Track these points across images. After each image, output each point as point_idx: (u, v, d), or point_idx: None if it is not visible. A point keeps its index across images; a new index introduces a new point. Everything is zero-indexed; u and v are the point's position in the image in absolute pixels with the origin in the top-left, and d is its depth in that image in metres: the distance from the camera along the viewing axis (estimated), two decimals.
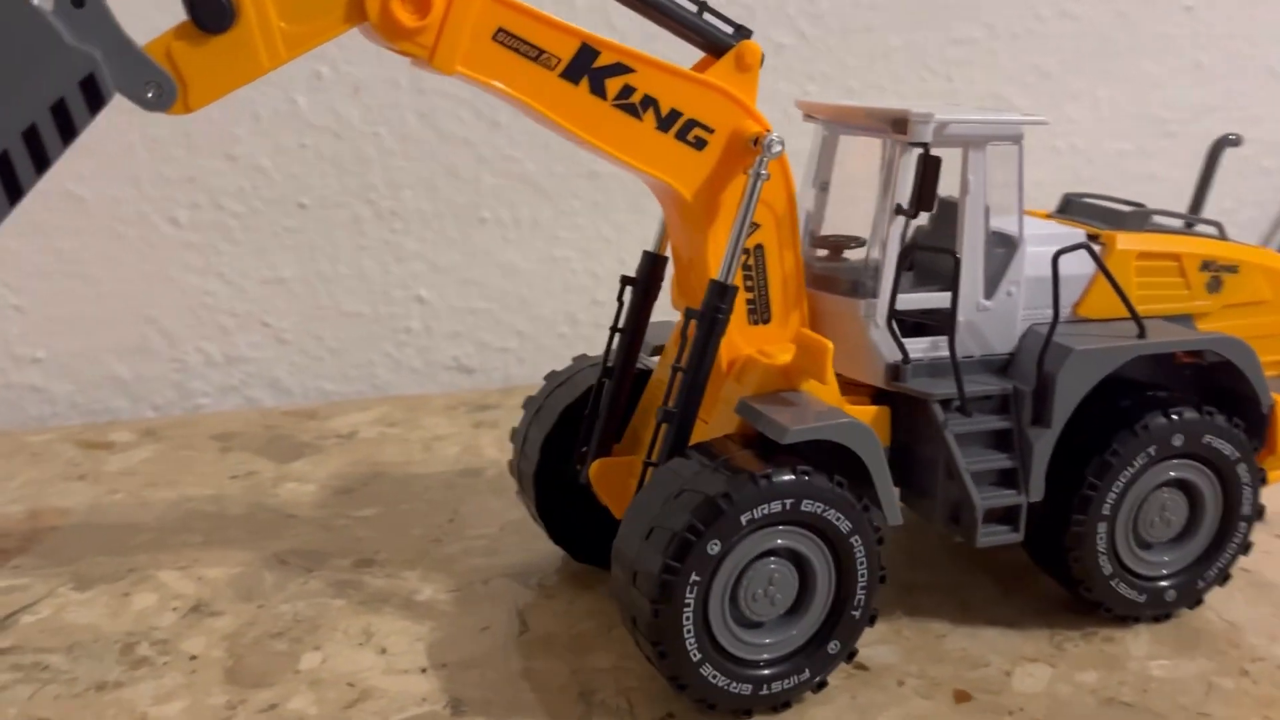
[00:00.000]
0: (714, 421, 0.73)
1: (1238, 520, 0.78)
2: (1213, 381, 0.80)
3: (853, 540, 0.68)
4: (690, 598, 0.64)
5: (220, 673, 0.73)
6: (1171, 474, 0.76)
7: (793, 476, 0.65)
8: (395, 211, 1.38)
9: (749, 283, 0.73)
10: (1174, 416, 0.74)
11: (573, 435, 0.82)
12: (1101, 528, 0.75)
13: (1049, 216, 0.87)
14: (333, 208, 1.35)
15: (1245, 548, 0.80)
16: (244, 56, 0.60)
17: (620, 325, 0.80)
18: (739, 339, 0.73)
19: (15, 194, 0.55)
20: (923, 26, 1.50)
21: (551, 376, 0.87)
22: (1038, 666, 0.74)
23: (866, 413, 0.74)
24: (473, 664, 0.74)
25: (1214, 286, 0.81)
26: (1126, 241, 0.79)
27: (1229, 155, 1.71)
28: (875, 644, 0.76)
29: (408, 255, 1.40)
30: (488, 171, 1.40)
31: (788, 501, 0.65)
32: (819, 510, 0.66)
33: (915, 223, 0.74)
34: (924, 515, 0.78)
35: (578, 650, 0.76)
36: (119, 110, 1.20)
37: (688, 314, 0.70)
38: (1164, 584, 0.78)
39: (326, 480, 1.04)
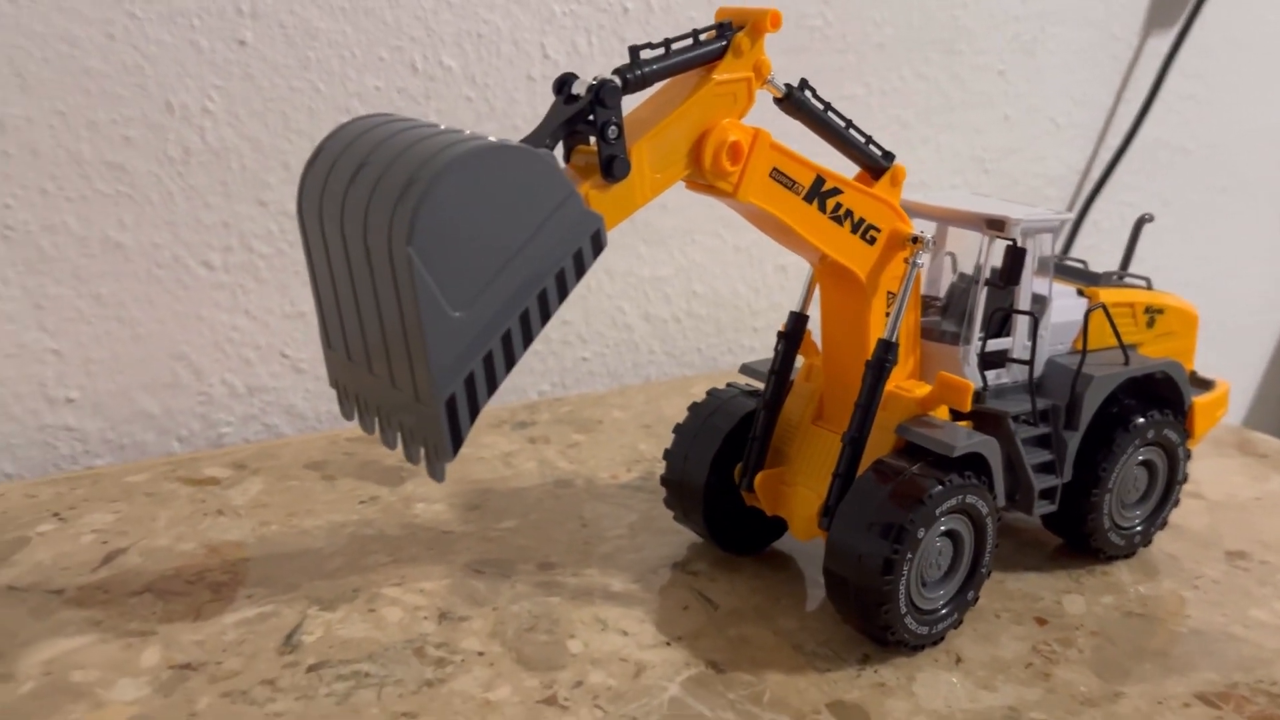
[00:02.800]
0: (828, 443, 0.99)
1: (1175, 484, 1.14)
2: (1148, 388, 1.16)
3: (987, 519, 0.97)
4: (905, 570, 0.91)
5: (514, 663, 0.91)
6: (1141, 456, 1.11)
7: (962, 480, 0.93)
8: None
9: None
10: (1150, 416, 1.09)
11: (731, 453, 1.06)
12: (1107, 497, 1.08)
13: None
14: None
15: (1177, 502, 1.16)
16: (628, 197, 0.79)
17: (775, 369, 1.05)
18: None
19: (546, 317, 0.72)
20: (821, 85, 1.81)
21: (695, 408, 1.10)
22: (1074, 596, 1.06)
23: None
24: (698, 635, 0.97)
25: (1150, 324, 1.16)
26: (1106, 295, 1.12)
27: (1024, 185, 2.16)
28: None
29: None
30: None
31: (959, 497, 0.93)
32: (974, 501, 0.94)
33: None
34: None
35: (765, 617, 1.00)
36: (160, 162, 1.28)
37: (866, 366, 0.96)
38: (1135, 531, 1.13)
39: (449, 499, 1.21)
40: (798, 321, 1.05)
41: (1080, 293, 1.13)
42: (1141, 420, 1.08)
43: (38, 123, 1.26)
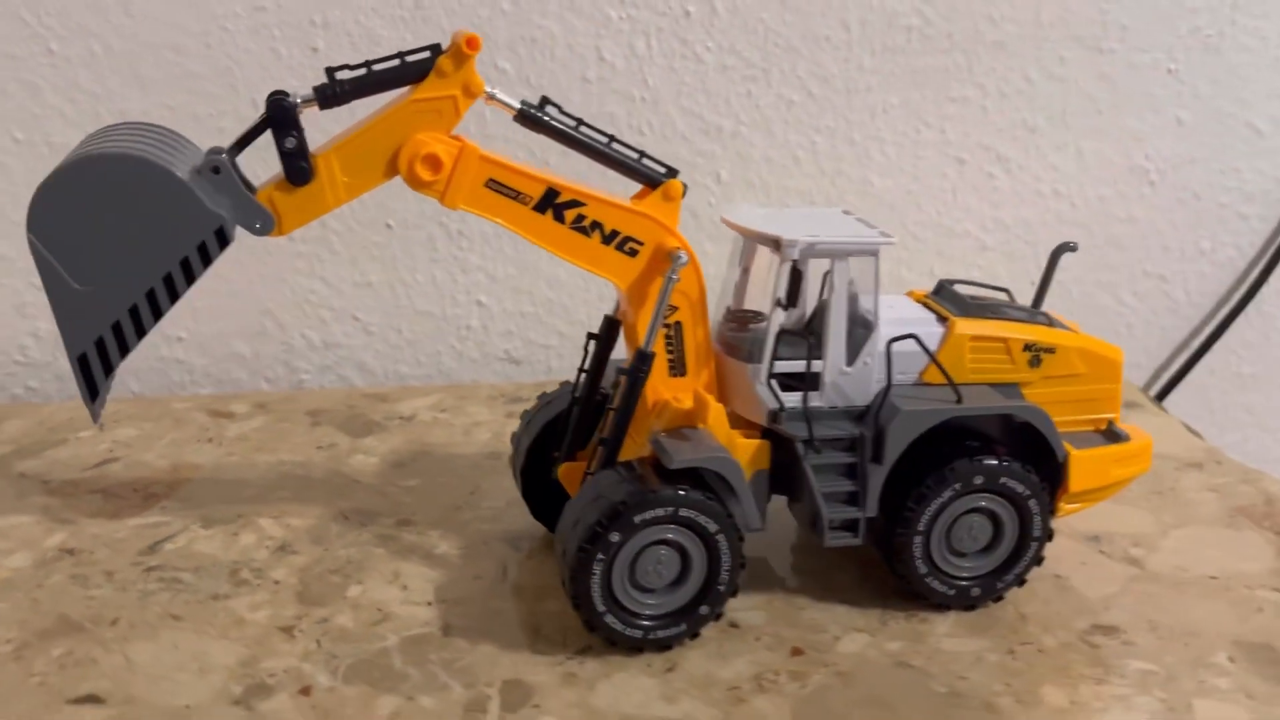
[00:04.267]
0: (637, 446, 1.02)
1: (1030, 541, 1.04)
2: (1022, 433, 1.06)
3: (718, 538, 0.97)
4: (597, 569, 0.94)
5: (293, 594, 1.07)
6: (979, 504, 1.03)
7: (673, 491, 0.95)
8: (463, 232, 1.69)
9: (670, 346, 1.02)
10: (978, 462, 1.01)
11: (551, 443, 1.13)
12: (917, 540, 1.02)
13: (924, 298, 1.13)
14: (413, 228, 1.68)
15: (1038, 560, 1.06)
16: (318, 199, 0.91)
17: (585, 367, 1.10)
18: (662, 386, 1.03)
19: (174, 297, 0.88)
20: (921, 87, 1.74)
21: (542, 396, 1.18)
22: (861, 635, 1.02)
23: (751, 445, 1.02)
24: (463, 601, 1.06)
25: (1035, 363, 1.06)
26: (964, 326, 1.05)
27: (1207, 200, 1.92)
28: (751, 610, 1.05)
29: (471, 268, 1.71)
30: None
31: (669, 509, 0.95)
32: (693, 515, 0.95)
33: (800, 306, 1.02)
34: (797, 518, 1.07)
35: (539, 598, 1.07)
36: (248, 150, 1.53)
37: (618, 371, 1.00)
38: (970, 583, 1.05)
39: (387, 454, 1.37)
40: (609, 326, 1.09)
41: (945, 321, 1.06)
42: (966, 465, 1.01)
43: (153, 115, 1.57)
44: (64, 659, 0.96)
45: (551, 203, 0.96)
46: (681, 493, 0.95)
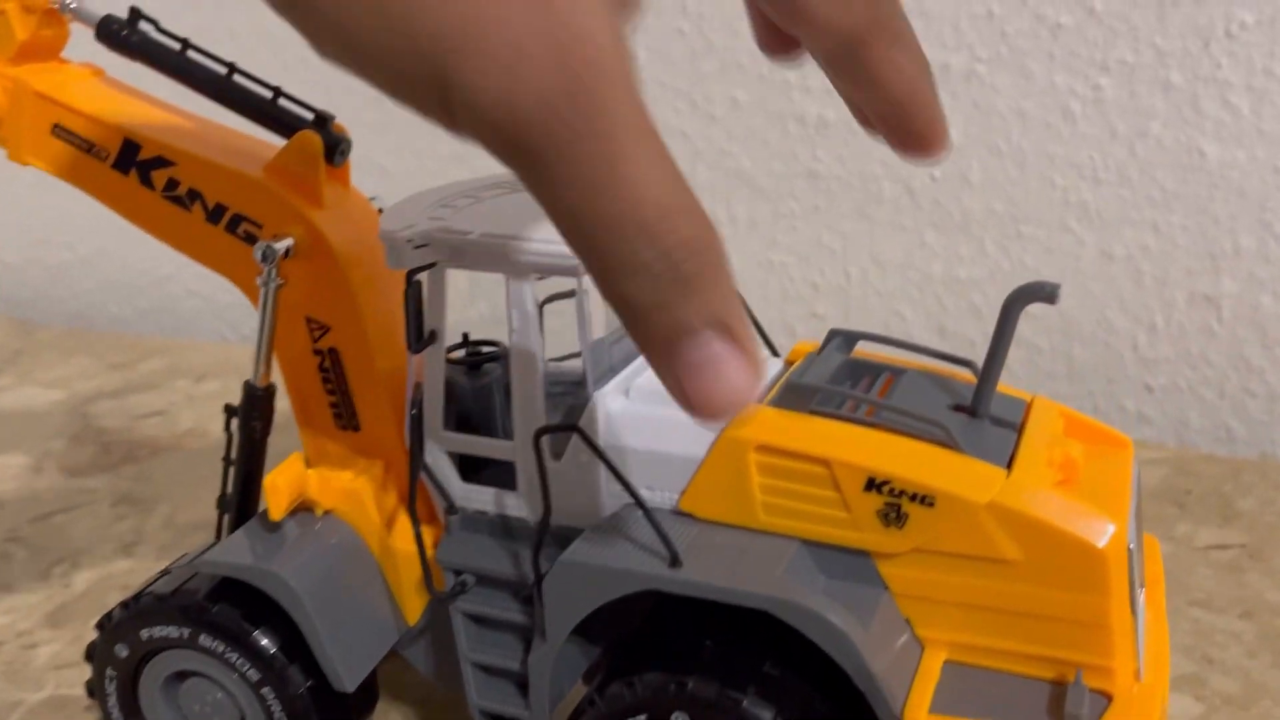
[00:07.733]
0: None
1: None
2: None
3: (264, 691, 0.62)
4: (111, 687, 0.66)
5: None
6: None
7: (193, 607, 0.62)
8: None
9: (329, 386, 0.67)
10: (629, 686, 0.52)
11: None
12: None
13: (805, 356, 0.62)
14: None
15: None
16: None
17: None
18: (329, 444, 0.69)
19: None
20: None
21: None
22: None
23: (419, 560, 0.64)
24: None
25: (891, 519, 0.52)
26: (757, 427, 0.54)
27: None
28: None
29: None
30: (703, 165, 1.33)
31: (185, 630, 0.62)
32: (220, 650, 0.62)
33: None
34: None
35: None
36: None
37: (228, 410, 0.68)
38: None
39: None
40: None
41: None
42: (619, 690, 0.53)
43: None
44: None
45: (133, 160, 0.67)
46: (204, 610, 0.62)
